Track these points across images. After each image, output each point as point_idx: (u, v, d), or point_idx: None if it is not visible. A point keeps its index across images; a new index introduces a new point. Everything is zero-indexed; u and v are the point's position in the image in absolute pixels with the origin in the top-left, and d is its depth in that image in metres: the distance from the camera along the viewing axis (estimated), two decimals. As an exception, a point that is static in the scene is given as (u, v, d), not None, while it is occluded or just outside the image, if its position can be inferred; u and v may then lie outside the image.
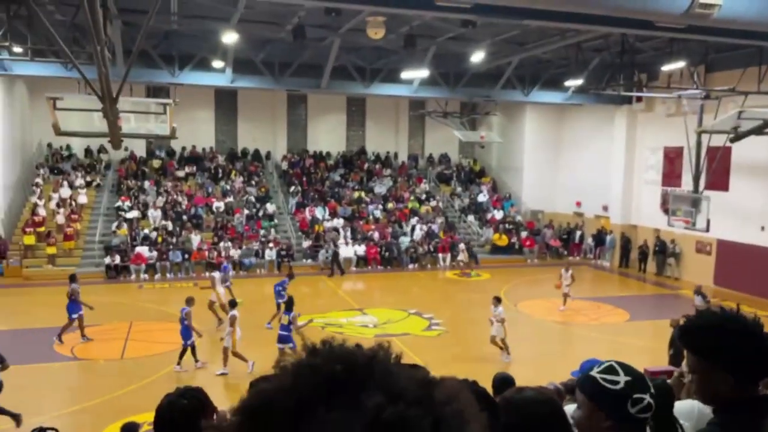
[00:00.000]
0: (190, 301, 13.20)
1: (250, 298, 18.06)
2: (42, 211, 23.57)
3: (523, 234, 28.23)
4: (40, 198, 24.28)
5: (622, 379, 1.89)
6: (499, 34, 19.41)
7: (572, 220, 29.26)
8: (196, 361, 12.96)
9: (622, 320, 18.06)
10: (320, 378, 0.73)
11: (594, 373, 1.94)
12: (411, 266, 25.56)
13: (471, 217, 29.58)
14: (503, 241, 27.65)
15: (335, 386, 0.72)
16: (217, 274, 16.85)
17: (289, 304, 13.02)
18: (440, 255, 26.11)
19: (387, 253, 25.60)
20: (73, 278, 14.73)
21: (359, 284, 23.54)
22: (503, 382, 4.71)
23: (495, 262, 26.62)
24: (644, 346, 14.52)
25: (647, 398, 1.88)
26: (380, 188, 30.12)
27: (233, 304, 13.20)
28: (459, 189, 31.63)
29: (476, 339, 15.95)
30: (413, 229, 27.30)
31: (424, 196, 30.25)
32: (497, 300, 13.97)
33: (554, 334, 17.04)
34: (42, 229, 22.94)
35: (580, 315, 18.43)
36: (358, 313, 17.96)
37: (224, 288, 16.55)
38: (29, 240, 22.61)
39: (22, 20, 15.93)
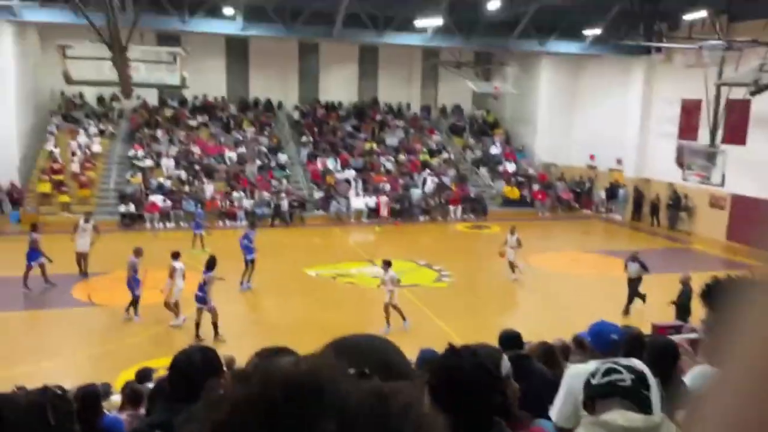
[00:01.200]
0: (138, 252, 13.15)
1: (258, 247, 18.26)
2: (59, 159, 23.77)
3: (535, 187, 28.10)
4: (55, 146, 24.43)
5: (628, 377, 2.03)
6: (516, -19, 18.84)
7: (585, 173, 29.03)
8: (136, 314, 13.09)
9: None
10: (260, 411, 0.60)
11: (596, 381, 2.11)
12: (422, 218, 25.65)
13: (483, 170, 29.42)
14: (515, 193, 27.58)
15: (279, 420, 0.59)
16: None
17: (211, 264, 12.03)
18: (451, 207, 26.15)
19: (398, 205, 25.68)
20: (34, 227, 14.92)
21: (370, 236, 23.73)
22: (509, 338, 4.78)
23: (506, 215, 26.58)
24: (653, 301, 14.64)
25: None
26: (392, 140, 29.93)
27: (176, 255, 12.93)
28: (471, 141, 31.36)
29: (486, 290, 16.17)
30: (425, 181, 27.26)
31: (435, 148, 30.05)
32: (387, 264, 12.79)
33: (563, 287, 17.18)
34: (59, 177, 23.19)
35: (591, 268, 18.53)
36: (368, 264, 18.18)
37: (197, 235, 17.58)
38: (45, 188, 22.88)
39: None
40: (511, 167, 29.43)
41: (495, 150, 30.60)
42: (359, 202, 25.28)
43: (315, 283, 16.39)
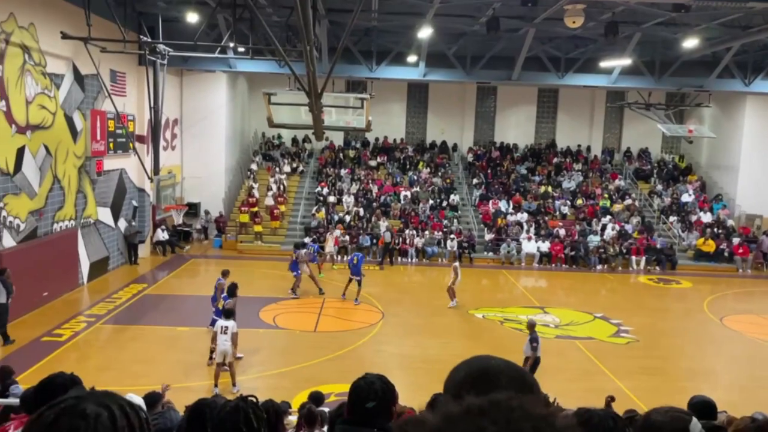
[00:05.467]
0: (225, 274, 14.21)
1: (427, 285, 18.51)
2: (256, 193, 26.56)
3: (735, 240, 25.07)
4: (254, 181, 27.34)
5: None
6: (717, 18, 17.36)
7: (800, 228, 25.26)
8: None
9: None
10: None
11: None
12: (599, 267, 24.16)
13: (672, 219, 27.01)
14: (710, 246, 24.85)
15: None
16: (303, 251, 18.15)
17: (232, 290, 12.78)
18: (633, 257, 24.30)
19: (573, 252, 24.50)
20: (225, 273, 14.64)
21: (541, 281, 22.88)
22: (705, 406, 4.25)
23: (699, 269, 24.09)
24: None
25: None
26: (569, 183, 28.84)
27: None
28: (659, 187, 29.05)
29: (673, 351, 14.65)
30: (604, 227, 25.74)
31: (618, 194, 28.32)
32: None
33: (766, 357, 14.95)
34: (255, 209, 25.87)
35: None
36: (539, 311, 17.49)
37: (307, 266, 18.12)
38: (244, 218, 25.64)
39: (245, 23, 18.04)
40: (706, 217, 26.67)
41: (687, 198, 28.01)
42: (531, 246, 24.58)
43: (481, 325, 16.15)
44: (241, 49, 19.59)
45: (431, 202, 27.19)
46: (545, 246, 24.60)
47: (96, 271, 19.05)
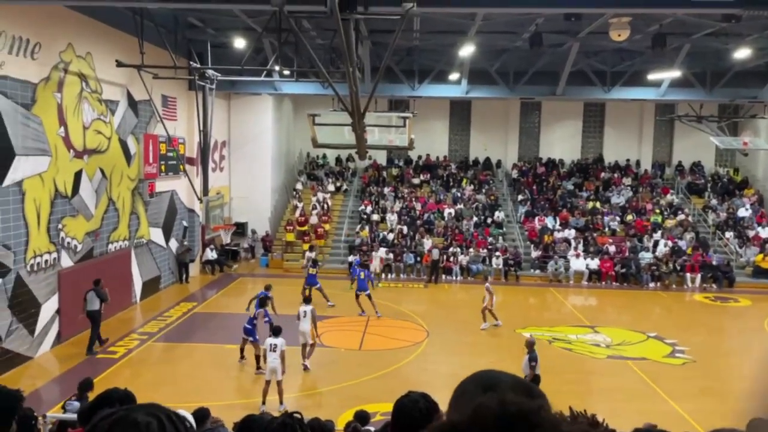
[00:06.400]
0: (268, 287, 14.67)
1: (472, 303, 18.25)
2: (302, 212, 26.93)
3: (798, 256, 23.91)
4: (299, 201, 27.75)
5: None
6: (772, 25, 16.78)
7: None
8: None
9: None
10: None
11: None
12: (651, 285, 23.40)
13: (729, 234, 25.99)
14: (769, 263, 23.77)
15: None
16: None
17: (264, 301, 13.72)
18: (688, 275, 23.45)
19: (624, 269, 23.82)
20: (268, 287, 15.57)
21: (591, 300, 22.29)
22: (766, 429, 4.04)
23: (758, 286, 23.05)
24: None
25: None
26: (618, 198, 28.16)
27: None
28: (714, 201, 28.04)
29: (731, 374, 13.99)
30: (656, 244, 24.97)
31: (670, 209, 27.47)
32: (277, 331, 11.75)
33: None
34: (302, 228, 26.20)
35: None
36: (590, 331, 17.02)
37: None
38: (290, 237, 26.00)
39: (290, 46, 18.46)
40: (764, 232, 25.56)
41: (744, 212, 26.94)
42: (580, 263, 24.03)
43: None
44: (286, 72, 20.03)
45: (475, 219, 26.98)
46: (594, 263, 24.02)
47: (148, 289, 19.61)
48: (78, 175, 15.58)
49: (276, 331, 11.57)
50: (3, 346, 12.77)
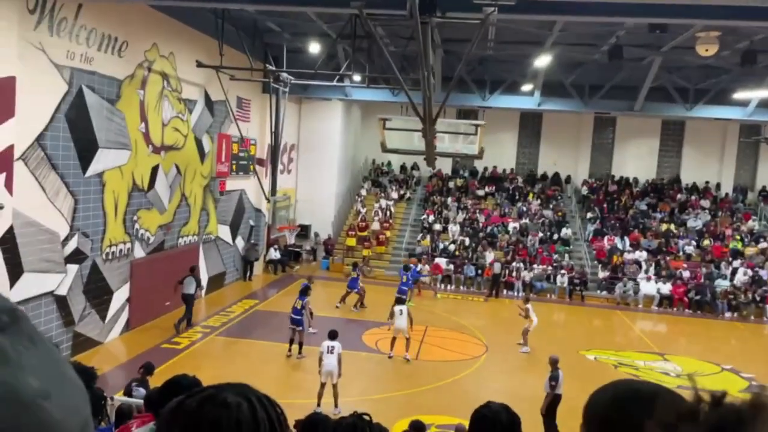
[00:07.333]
0: (306, 290, 14.59)
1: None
2: (365, 218, 27.05)
3: None
4: (363, 206, 27.88)
5: None
6: None
7: None
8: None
9: None
10: None
11: None
12: (728, 314, 22.07)
13: (816, 266, 24.20)
14: None
15: None
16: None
17: (305, 291, 14.42)
18: (768, 306, 22.00)
19: (698, 296, 22.58)
20: (306, 289, 15.55)
21: (661, 326, 21.23)
22: None
23: None
24: None
25: None
26: (695, 222, 26.78)
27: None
28: (801, 230, 26.25)
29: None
30: (734, 272, 23.55)
31: (751, 236, 25.89)
32: (334, 334, 11.92)
33: None
34: (363, 233, 26.30)
35: None
36: (659, 358, 16.18)
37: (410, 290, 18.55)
38: (351, 242, 26.13)
39: (363, 53, 18.60)
40: None
41: (835, 243, 25.05)
42: (651, 287, 22.95)
43: (593, 367, 15.16)
44: (357, 78, 20.19)
45: (541, 234, 26.29)
46: (666, 288, 22.88)
47: (213, 284, 20.12)
48: (155, 170, 16.18)
49: (333, 335, 11.55)
50: (75, 329, 13.37)
